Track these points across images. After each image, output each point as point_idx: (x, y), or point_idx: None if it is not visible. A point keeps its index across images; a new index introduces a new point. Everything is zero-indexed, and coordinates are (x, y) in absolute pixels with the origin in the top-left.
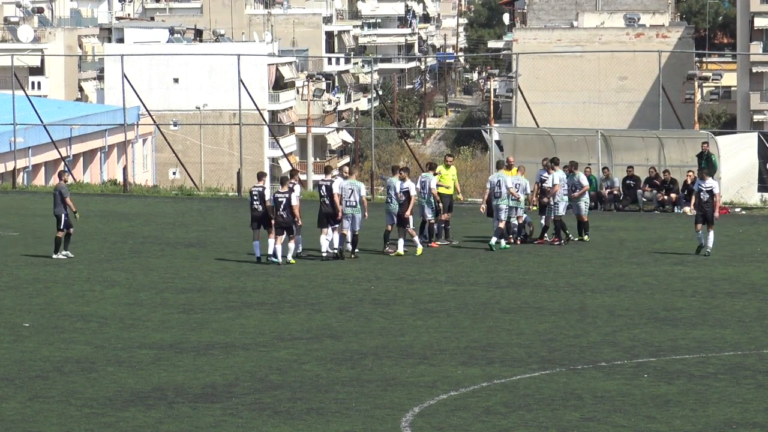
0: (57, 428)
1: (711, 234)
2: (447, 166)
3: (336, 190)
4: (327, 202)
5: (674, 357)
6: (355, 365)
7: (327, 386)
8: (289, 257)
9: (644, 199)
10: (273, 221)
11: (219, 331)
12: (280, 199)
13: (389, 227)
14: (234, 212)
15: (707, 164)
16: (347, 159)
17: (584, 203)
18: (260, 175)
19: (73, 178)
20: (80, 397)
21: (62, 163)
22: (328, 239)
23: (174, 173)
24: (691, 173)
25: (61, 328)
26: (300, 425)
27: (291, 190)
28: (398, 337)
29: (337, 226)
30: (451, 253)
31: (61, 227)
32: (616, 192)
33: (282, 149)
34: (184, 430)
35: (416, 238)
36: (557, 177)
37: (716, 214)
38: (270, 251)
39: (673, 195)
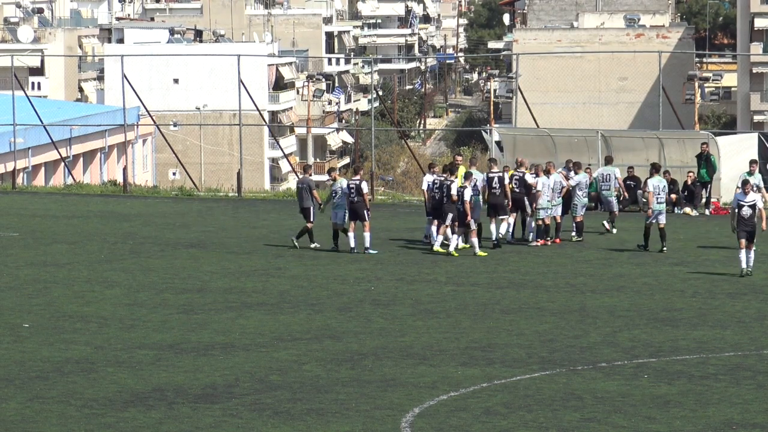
0: (57, 428)
1: (752, 252)
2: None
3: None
4: (497, 193)
5: (674, 358)
6: (355, 366)
7: (327, 387)
8: (367, 244)
9: (644, 200)
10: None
11: (219, 331)
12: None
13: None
14: (234, 213)
15: (707, 165)
16: (347, 159)
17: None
18: (357, 169)
19: (73, 178)
20: (80, 398)
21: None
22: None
23: (174, 174)
24: (691, 174)
25: (61, 328)
26: (300, 426)
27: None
28: (398, 338)
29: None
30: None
31: (312, 219)
32: (616, 193)
33: (282, 150)
34: (184, 430)
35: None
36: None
37: (764, 226)
38: (367, 243)
39: (673, 195)
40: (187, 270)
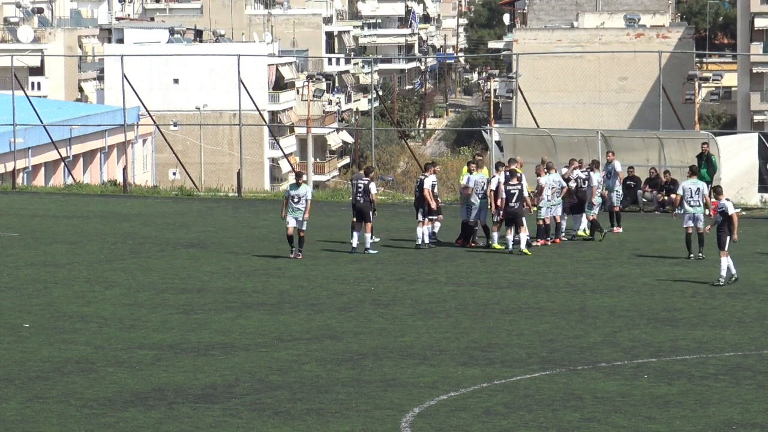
0: (57, 428)
1: (723, 260)
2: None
3: (427, 185)
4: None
5: (674, 358)
6: (355, 366)
7: (327, 387)
8: (368, 244)
9: (644, 200)
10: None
11: (219, 331)
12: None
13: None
14: (234, 213)
15: (707, 165)
16: (347, 159)
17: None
18: (368, 170)
19: (73, 178)
20: (80, 398)
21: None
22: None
23: (174, 174)
24: None
25: (61, 328)
26: (300, 426)
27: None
28: (398, 338)
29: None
30: (452, 254)
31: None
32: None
33: (282, 150)
34: (184, 430)
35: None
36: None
37: (734, 237)
38: (367, 244)
39: (673, 195)
40: (187, 270)
